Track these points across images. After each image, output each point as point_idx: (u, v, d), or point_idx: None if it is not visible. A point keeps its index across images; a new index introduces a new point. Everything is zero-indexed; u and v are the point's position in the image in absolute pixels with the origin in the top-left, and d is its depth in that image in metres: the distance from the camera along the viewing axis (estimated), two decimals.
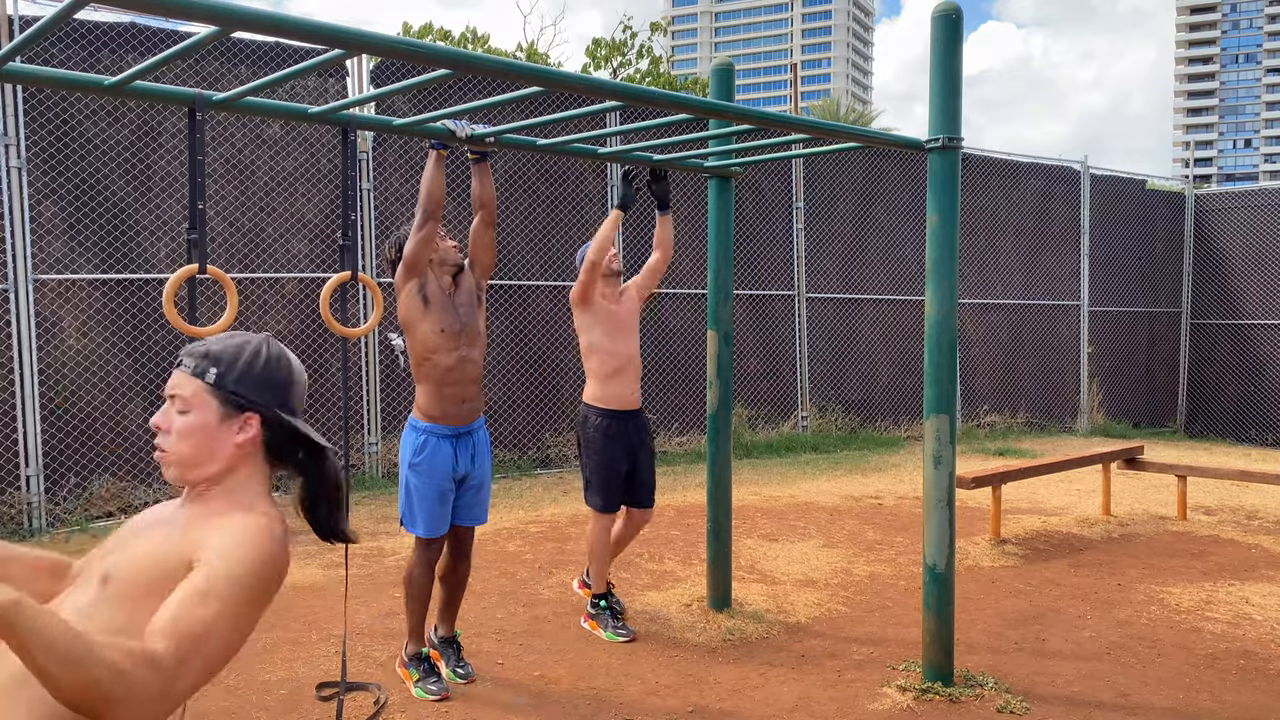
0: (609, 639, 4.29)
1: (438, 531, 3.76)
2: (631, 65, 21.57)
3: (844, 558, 5.80)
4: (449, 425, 3.77)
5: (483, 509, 3.93)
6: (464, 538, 3.90)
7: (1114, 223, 12.50)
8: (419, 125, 3.51)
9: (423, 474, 3.72)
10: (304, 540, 6.52)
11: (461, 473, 3.79)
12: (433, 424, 3.77)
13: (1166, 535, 6.44)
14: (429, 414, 3.78)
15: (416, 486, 3.74)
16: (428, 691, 3.65)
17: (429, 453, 3.73)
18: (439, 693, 3.65)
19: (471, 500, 3.86)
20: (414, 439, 3.78)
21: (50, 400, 6.62)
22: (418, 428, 3.79)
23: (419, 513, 3.74)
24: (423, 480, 3.72)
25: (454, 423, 3.78)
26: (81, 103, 6.70)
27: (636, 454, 4.43)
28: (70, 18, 2.38)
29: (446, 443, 3.76)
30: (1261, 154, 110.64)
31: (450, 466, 3.75)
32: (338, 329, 3.23)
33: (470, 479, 3.83)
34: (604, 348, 4.38)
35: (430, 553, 3.79)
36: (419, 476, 3.73)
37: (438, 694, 3.64)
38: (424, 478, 3.72)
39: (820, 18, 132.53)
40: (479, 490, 3.88)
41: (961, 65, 3.74)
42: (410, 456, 3.77)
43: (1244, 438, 12.15)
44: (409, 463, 3.76)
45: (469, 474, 3.81)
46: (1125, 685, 3.86)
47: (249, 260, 7.44)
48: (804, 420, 10.43)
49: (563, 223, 8.93)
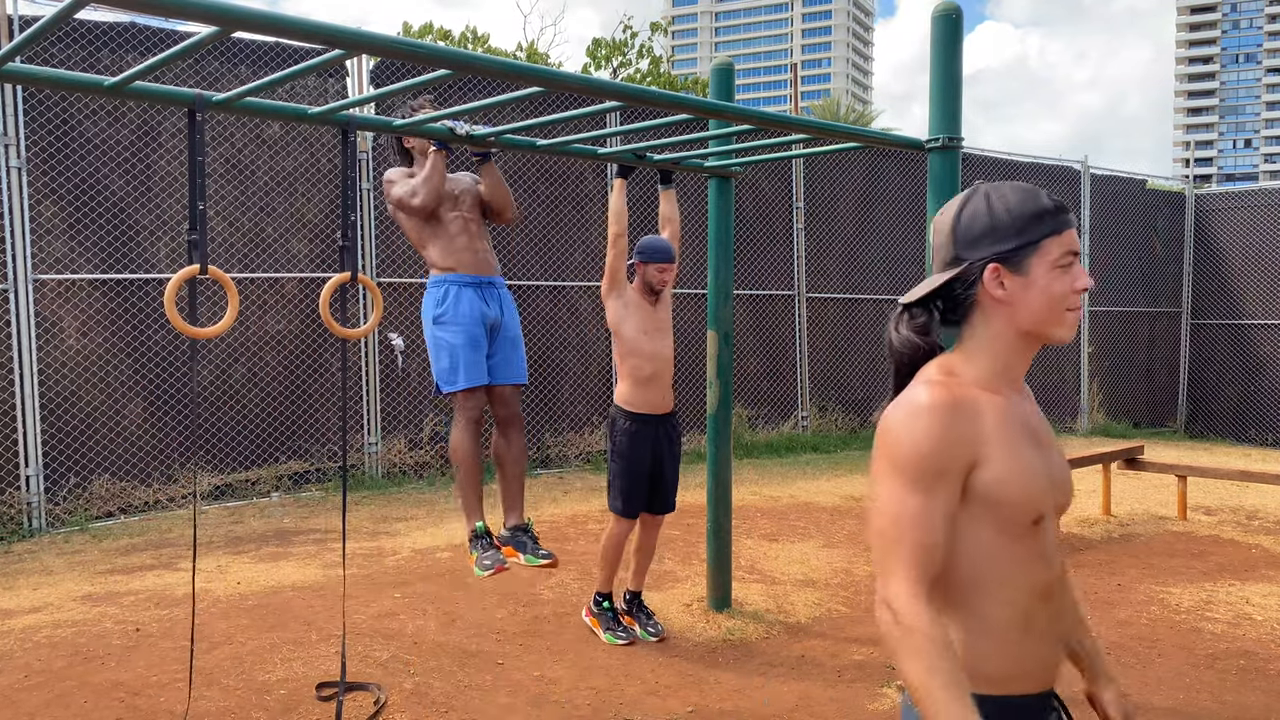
0: (606, 640, 4.28)
1: (475, 380, 3.55)
2: (631, 65, 21.56)
3: (844, 558, 5.80)
4: (468, 274, 3.62)
5: (520, 365, 3.74)
6: (509, 400, 3.71)
7: (1114, 223, 12.51)
8: (419, 126, 3.51)
9: (449, 323, 3.56)
10: (304, 540, 6.52)
11: (491, 318, 3.63)
12: (451, 272, 3.62)
13: (1166, 535, 6.44)
14: (444, 265, 3.63)
15: (445, 339, 3.56)
16: (482, 566, 3.51)
17: (452, 299, 3.58)
18: (493, 565, 3.50)
19: (509, 355, 3.69)
20: (434, 293, 3.63)
21: (48, 402, 6.62)
22: (436, 282, 3.64)
23: (452, 362, 3.54)
24: (450, 330, 3.56)
25: (472, 271, 3.63)
26: (81, 103, 6.70)
27: (663, 459, 4.28)
28: (70, 18, 2.37)
29: (469, 289, 3.61)
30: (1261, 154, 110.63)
31: (479, 310, 3.59)
32: (338, 330, 3.23)
33: (503, 329, 3.67)
34: (637, 348, 4.18)
35: (470, 410, 3.59)
36: (446, 328, 3.56)
37: (492, 566, 3.49)
38: (451, 326, 3.56)
39: (820, 18, 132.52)
40: (515, 345, 3.72)
41: (961, 65, 3.74)
42: (433, 310, 3.60)
43: (1244, 438, 12.15)
44: (433, 318, 3.59)
45: (499, 322, 3.66)
46: (1125, 685, 3.84)
47: (249, 260, 7.44)
48: (804, 420, 10.43)
49: (563, 223, 8.93)
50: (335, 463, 7.89)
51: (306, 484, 7.70)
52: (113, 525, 6.57)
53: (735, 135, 4.47)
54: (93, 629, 4.43)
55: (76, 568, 5.52)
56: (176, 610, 4.71)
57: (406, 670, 3.93)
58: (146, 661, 4.02)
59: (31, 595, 4.98)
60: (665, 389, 4.29)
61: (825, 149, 4.53)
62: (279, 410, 7.61)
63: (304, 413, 7.73)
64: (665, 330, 4.29)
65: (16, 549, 5.98)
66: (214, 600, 4.85)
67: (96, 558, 5.74)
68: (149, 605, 4.79)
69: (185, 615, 4.62)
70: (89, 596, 4.95)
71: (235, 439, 7.43)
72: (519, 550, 3.64)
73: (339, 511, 6.90)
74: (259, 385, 7.53)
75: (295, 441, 7.71)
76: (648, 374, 4.20)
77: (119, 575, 5.35)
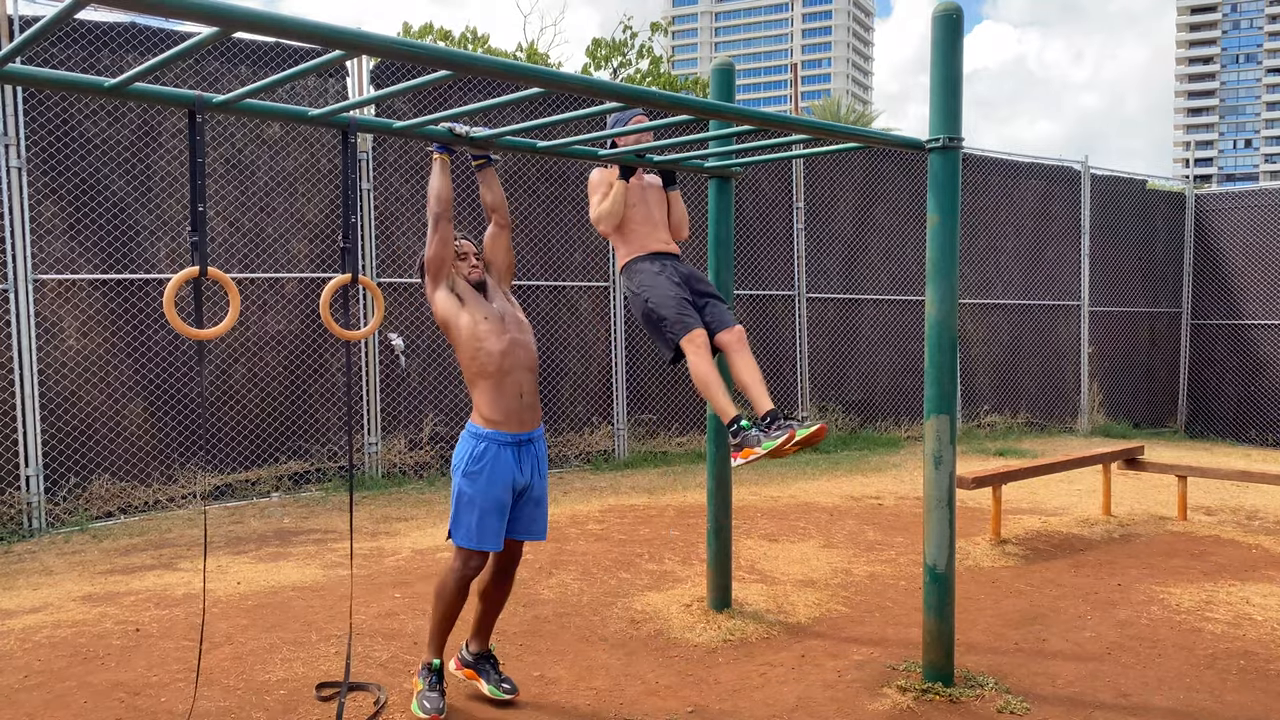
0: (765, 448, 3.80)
1: (488, 545, 3.50)
2: (632, 65, 21.57)
3: (844, 558, 5.80)
4: (510, 431, 3.53)
5: (543, 524, 3.69)
6: (515, 554, 3.68)
7: (1114, 223, 12.51)
8: (419, 127, 3.51)
9: (479, 482, 3.48)
10: (304, 540, 6.52)
11: (523, 483, 3.57)
12: (494, 429, 3.52)
13: (1167, 535, 6.44)
14: (490, 418, 3.52)
15: (471, 495, 3.49)
16: (421, 708, 3.46)
17: (489, 460, 3.49)
18: (431, 711, 3.43)
19: (532, 514, 3.64)
20: (472, 445, 3.52)
21: (48, 402, 6.62)
22: (477, 434, 3.53)
23: (469, 521, 3.48)
24: (479, 488, 3.48)
25: (515, 428, 3.54)
26: (81, 103, 6.71)
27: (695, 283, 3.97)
28: (70, 18, 2.37)
29: (508, 450, 3.52)
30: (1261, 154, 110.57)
31: (511, 476, 3.52)
32: (338, 331, 3.23)
33: (531, 491, 3.61)
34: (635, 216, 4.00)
35: (471, 568, 3.53)
36: (474, 484, 3.48)
37: (430, 712, 3.43)
38: (481, 486, 3.47)
39: (820, 18, 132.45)
40: (539, 504, 3.66)
41: (962, 65, 3.74)
42: (467, 464, 3.51)
43: (1244, 438, 12.15)
44: (464, 470, 3.51)
45: (529, 486, 3.59)
46: (1125, 685, 3.86)
47: (249, 260, 7.44)
48: (804, 420, 10.42)
49: (563, 223, 8.93)
50: (335, 463, 7.89)
51: (306, 484, 7.70)
52: (113, 525, 6.58)
53: (735, 135, 4.47)
54: (93, 629, 4.43)
55: (76, 568, 5.52)
56: (176, 610, 4.71)
57: (406, 670, 3.93)
58: (146, 661, 4.02)
59: (31, 595, 4.98)
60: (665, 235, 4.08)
61: (825, 149, 4.53)
62: (279, 410, 7.61)
63: (304, 413, 7.73)
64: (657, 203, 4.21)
65: (16, 549, 5.98)
66: (214, 600, 4.85)
67: (96, 558, 5.74)
68: (149, 605, 4.79)
69: (185, 615, 4.62)
70: (89, 596, 4.95)
71: (235, 439, 7.43)
72: (480, 676, 3.69)
73: (339, 512, 6.92)
74: (259, 385, 7.53)
75: (295, 441, 7.71)
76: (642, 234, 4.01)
77: (119, 575, 5.35)
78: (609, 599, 4.93)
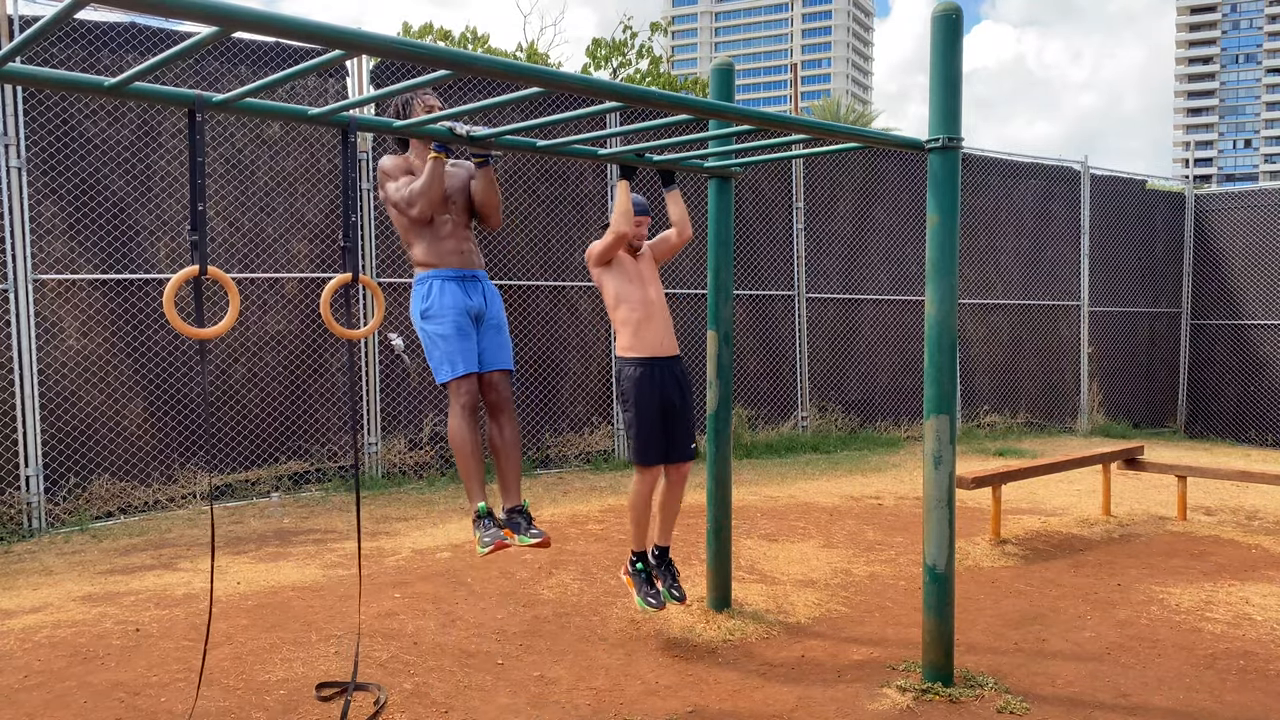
0: (639, 605, 4.24)
1: (467, 366, 3.74)
2: (631, 65, 21.56)
3: (844, 558, 5.80)
4: (452, 268, 3.81)
5: (506, 351, 3.92)
6: (499, 386, 3.88)
7: (1114, 223, 12.51)
8: (419, 127, 3.51)
9: (434, 316, 3.75)
10: (304, 540, 6.51)
11: (475, 308, 3.81)
12: (435, 269, 3.80)
13: (1166, 536, 6.44)
14: (428, 262, 3.82)
15: (433, 331, 3.75)
16: (483, 544, 3.68)
17: (437, 293, 3.77)
18: (493, 541, 3.66)
19: (495, 340, 3.86)
20: (420, 290, 3.83)
21: (48, 402, 6.62)
22: (422, 279, 3.83)
23: (441, 354, 3.73)
24: (437, 322, 3.75)
25: (455, 266, 3.82)
26: (81, 103, 6.71)
27: (674, 402, 4.18)
28: (70, 18, 2.37)
29: (453, 283, 3.79)
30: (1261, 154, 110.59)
31: (462, 301, 3.78)
32: (339, 331, 3.23)
33: (488, 317, 3.85)
34: (629, 295, 4.20)
35: (464, 396, 3.76)
36: (432, 321, 3.76)
37: (491, 543, 3.65)
38: (437, 319, 3.75)
39: (820, 18, 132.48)
40: (499, 329, 3.89)
41: (961, 65, 3.74)
42: (420, 306, 3.80)
43: (1244, 438, 12.15)
44: (421, 313, 3.79)
45: (483, 311, 3.84)
46: (1125, 685, 3.86)
47: (249, 260, 7.44)
48: (804, 420, 10.43)
49: (563, 223, 8.93)
50: (335, 463, 7.89)
51: (306, 484, 7.70)
52: (113, 525, 6.58)
53: (735, 135, 4.47)
54: (93, 629, 4.43)
55: (76, 568, 5.52)
56: (176, 610, 4.71)
57: (406, 670, 3.93)
58: (146, 661, 4.02)
59: (31, 595, 4.98)
60: (662, 332, 4.25)
61: (825, 149, 4.53)
62: (279, 410, 7.61)
63: (304, 413, 7.73)
64: (651, 278, 4.31)
65: (16, 549, 5.98)
66: (214, 600, 4.85)
67: (96, 558, 5.74)
68: (149, 605, 4.79)
69: (185, 615, 4.63)
70: (89, 596, 4.95)
71: (235, 439, 7.43)
72: (514, 531, 3.81)
73: (339, 512, 6.92)
74: (259, 385, 7.53)
75: (295, 441, 7.71)
76: (639, 317, 4.21)
77: (119, 575, 5.35)
78: (609, 599, 4.93)
